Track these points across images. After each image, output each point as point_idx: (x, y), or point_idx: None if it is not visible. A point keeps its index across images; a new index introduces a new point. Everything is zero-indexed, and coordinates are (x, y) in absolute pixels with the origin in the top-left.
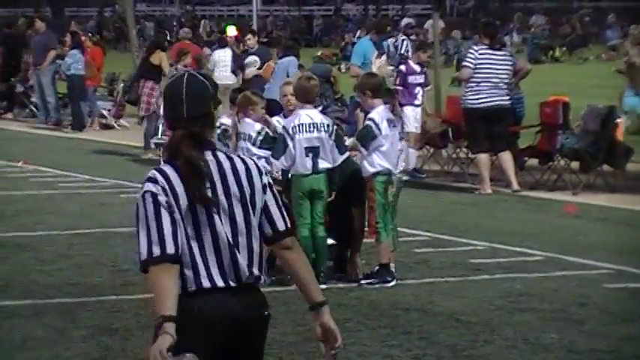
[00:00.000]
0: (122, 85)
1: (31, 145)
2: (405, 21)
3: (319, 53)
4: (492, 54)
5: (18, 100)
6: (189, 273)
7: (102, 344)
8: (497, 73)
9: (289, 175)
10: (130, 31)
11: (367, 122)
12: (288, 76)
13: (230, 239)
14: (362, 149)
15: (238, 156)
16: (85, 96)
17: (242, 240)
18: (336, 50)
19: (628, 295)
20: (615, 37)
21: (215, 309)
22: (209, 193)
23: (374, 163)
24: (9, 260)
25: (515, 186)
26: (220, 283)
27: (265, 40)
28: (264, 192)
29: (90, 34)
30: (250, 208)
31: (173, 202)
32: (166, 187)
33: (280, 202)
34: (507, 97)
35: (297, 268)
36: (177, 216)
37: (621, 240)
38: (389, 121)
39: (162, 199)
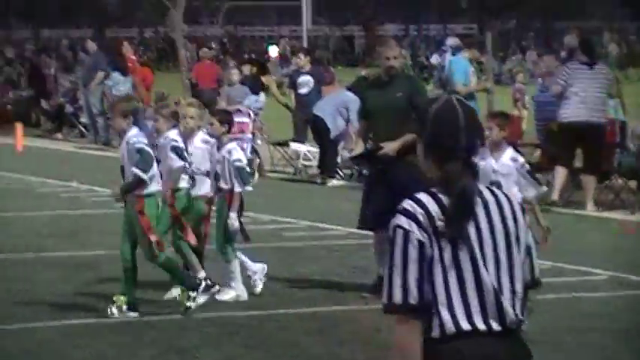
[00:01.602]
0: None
1: (82, 165)
2: (451, 40)
3: (364, 73)
4: (584, 70)
5: (67, 120)
6: (445, 314)
7: None
8: (586, 89)
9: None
10: (179, 51)
11: None
12: (347, 112)
13: (493, 279)
14: None
15: (500, 190)
16: None
17: (505, 281)
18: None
19: None
20: None
21: (478, 355)
22: (473, 229)
23: None
24: (72, 279)
25: (590, 207)
26: (482, 326)
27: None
28: (527, 231)
29: (139, 55)
30: (515, 247)
31: (431, 239)
32: (424, 221)
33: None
34: (599, 115)
35: None
36: (432, 254)
37: None
38: None
39: (414, 236)
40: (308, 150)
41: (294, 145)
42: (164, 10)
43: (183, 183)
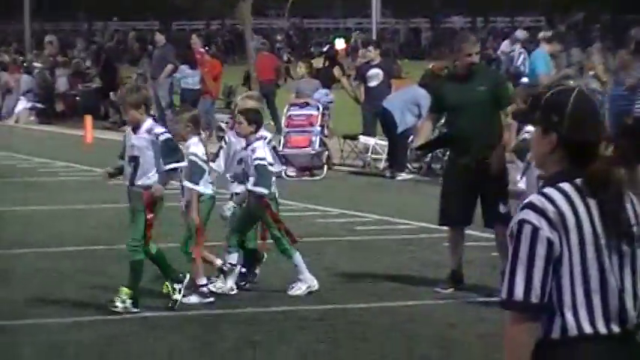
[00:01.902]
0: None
1: None
2: (520, 33)
3: (430, 66)
4: None
5: None
6: (569, 316)
7: (246, 357)
8: None
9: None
10: (248, 44)
11: (525, 135)
12: (419, 108)
13: (617, 281)
14: (518, 162)
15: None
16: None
17: (628, 284)
18: (447, 63)
19: None
20: None
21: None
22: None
23: None
24: (146, 272)
25: None
26: (603, 330)
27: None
28: None
29: (206, 47)
30: (638, 250)
31: (561, 239)
32: (555, 218)
33: None
34: None
35: None
36: (561, 254)
37: None
38: None
39: (543, 234)
40: (377, 143)
41: (363, 139)
42: (233, 2)
43: (208, 189)
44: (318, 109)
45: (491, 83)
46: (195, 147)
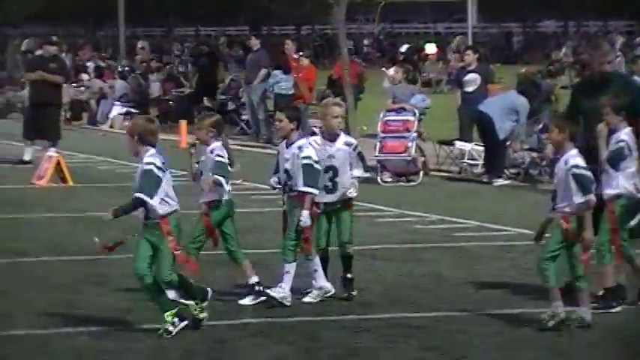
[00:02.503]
0: None
1: (245, 162)
2: (615, 36)
3: (523, 70)
4: None
5: (229, 117)
6: None
7: None
8: None
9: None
10: (342, 49)
11: (620, 143)
12: (517, 114)
13: None
14: (610, 170)
15: None
16: None
17: None
18: (540, 67)
19: None
20: None
21: None
22: None
23: (619, 184)
24: (223, 284)
25: None
26: None
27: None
28: None
29: (300, 53)
30: None
31: None
32: None
33: None
34: None
35: None
36: None
37: None
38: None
39: None
40: (473, 148)
41: (459, 144)
42: (327, 7)
43: (225, 195)
44: (415, 114)
45: (624, 91)
46: (220, 150)
